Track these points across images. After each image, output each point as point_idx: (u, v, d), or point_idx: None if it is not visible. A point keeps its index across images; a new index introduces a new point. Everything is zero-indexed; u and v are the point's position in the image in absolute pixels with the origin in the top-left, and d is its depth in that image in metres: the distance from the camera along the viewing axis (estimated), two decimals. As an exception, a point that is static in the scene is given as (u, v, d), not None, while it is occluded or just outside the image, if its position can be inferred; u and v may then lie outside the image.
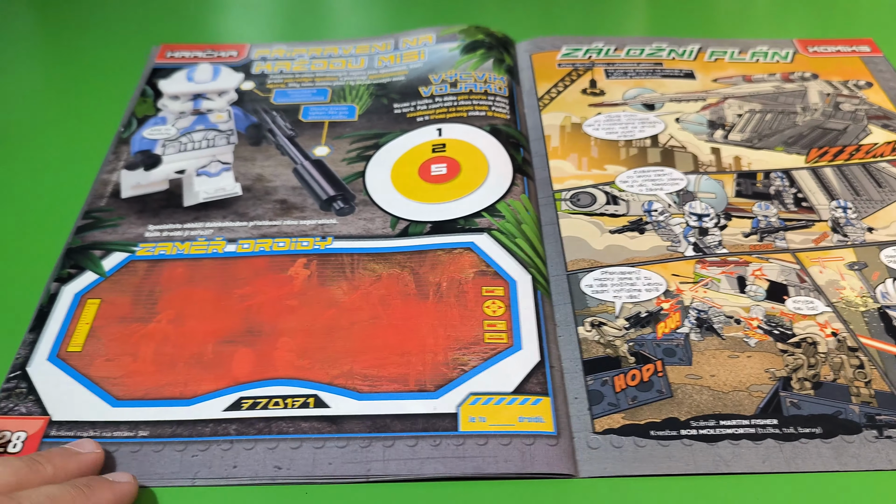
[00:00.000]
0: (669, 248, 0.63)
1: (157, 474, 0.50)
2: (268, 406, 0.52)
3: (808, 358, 0.55)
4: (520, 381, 0.53)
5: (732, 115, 0.76)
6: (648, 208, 0.66)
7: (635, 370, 0.54)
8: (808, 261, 0.62)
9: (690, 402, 0.52)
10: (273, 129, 0.74)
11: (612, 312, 0.58)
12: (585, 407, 0.53)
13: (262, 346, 0.56)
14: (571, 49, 0.85)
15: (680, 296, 0.59)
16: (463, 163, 0.69)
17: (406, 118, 0.76)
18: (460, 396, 0.52)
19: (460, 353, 0.55)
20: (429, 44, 0.84)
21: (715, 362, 0.55)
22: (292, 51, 0.85)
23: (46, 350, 0.56)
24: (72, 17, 0.94)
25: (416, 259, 0.61)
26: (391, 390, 0.53)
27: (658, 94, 0.79)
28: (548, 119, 0.76)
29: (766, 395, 0.53)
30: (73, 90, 0.82)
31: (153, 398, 0.53)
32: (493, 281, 0.59)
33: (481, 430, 0.51)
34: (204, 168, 0.70)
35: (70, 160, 0.74)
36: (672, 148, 0.72)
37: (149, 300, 0.59)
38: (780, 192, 0.68)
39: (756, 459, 0.50)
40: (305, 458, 0.50)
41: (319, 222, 0.65)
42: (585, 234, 0.64)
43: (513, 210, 0.65)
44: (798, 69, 0.82)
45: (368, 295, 0.59)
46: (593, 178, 0.70)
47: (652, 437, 0.51)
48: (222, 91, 0.79)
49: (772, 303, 0.59)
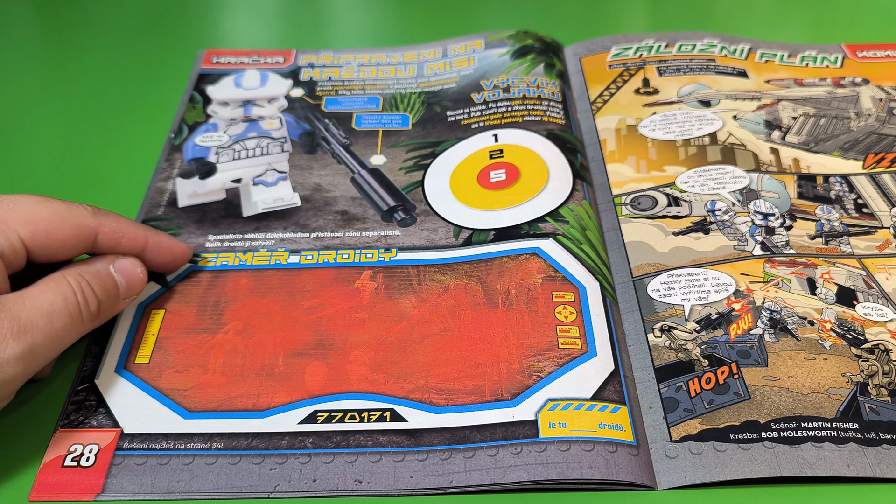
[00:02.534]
0: (736, 248, 0.62)
1: (235, 487, 0.49)
2: (344, 419, 0.52)
3: (882, 365, 0.54)
4: (597, 387, 0.53)
5: (787, 118, 0.75)
6: (712, 208, 0.66)
7: (710, 373, 0.54)
8: (873, 267, 0.61)
9: (770, 404, 0.52)
10: (327, 138, 0.74)
11: (682, 316, 0.58)
12: (661, 416, 0.52)
13: (334, 359, 0.56)
14: (622, 49, 0.84)
15: (751, 296, 0.59)
16: (522, 168, 0.69)
17: (461, 125, 0.75)
18: (538, 403, 0.52)
19: (535, 360, 0.54)
20: (478, 50, 0.84)
21: (791, 363, 0.54)
22: (339, 58, 0.85)
23: (113, 362, 0.56)
24: (116, 21, 0.94)
25: (483, 268, 0.61)
26: (468, 402, 0.53)
27: (714, 90, 0.78)
28: (602, 123, 0.76)
29: (844, 398, 0.52)
30: (120, 95, 0.82)
31: (226, 410, 0.53)
32: (562, 286, 0.59)
33: (563, 436, 0.50)
34: (260, 177, 0.70)
35: (122, 167, 0.73)
36: (732, 145, 0.72)
37: (214, 311, 0.59)
38: (841, 197, 0.67)
39: (840, 463, 0.49)
40: (386, 471, 0.50)
41: (382, 233, 0.65)
42: (649, 238, 0.64)
43: (576, 216, 0.64)
44: (848, 74, 0.81)
45: (437, 307, 0.59)
46: (653, 180, 0.69)
47: (732, 440, 0.50)
48: (272, 98, 0.79)
49: (843, 307, 0.58)
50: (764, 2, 0.97)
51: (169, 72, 0.85)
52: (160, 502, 0.49)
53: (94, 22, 0.94)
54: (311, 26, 0.95)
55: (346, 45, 0.89)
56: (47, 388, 0.55)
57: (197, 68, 0.84)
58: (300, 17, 0.96)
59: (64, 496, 0.49)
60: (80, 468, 0.50)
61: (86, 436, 0.52)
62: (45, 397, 0.55)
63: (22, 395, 0.55)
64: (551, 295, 0.58)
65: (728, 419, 0.51)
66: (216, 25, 0.97)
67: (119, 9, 0.96)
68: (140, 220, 0.66)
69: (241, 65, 0.84)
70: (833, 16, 0.94)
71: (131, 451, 0.51)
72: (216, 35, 0.95)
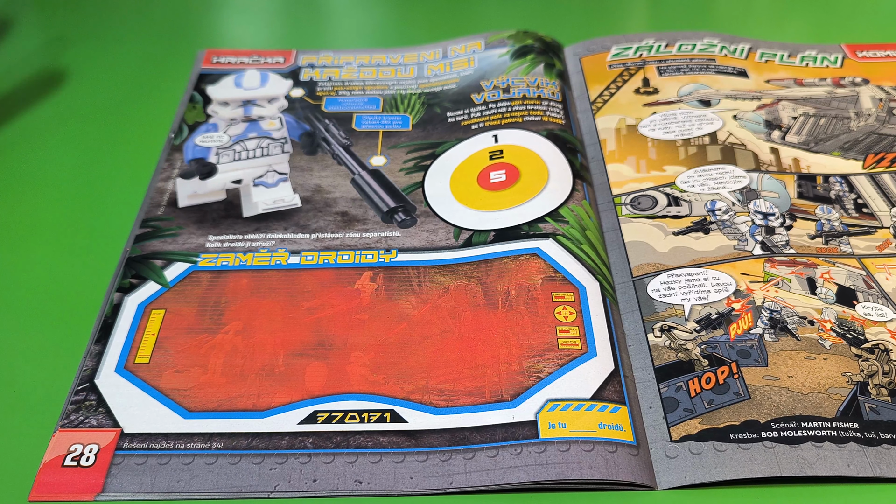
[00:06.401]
0: (736, 248, 0.62)
1: (235, 487, 0.49)
2: (344, 420, 0.52)
3: (882, 365, 0.54)
4: (597, 387, 0.53)
5: (787, 118, 0.75)
6: (712, 207, 0.66)
7: (710, 373, 0.54)
8: (873, 267, 0.61)
9: (770, 404, 0.52)
10: (327, 138, 0.74)
11: (682, 315, 0.58)
12: (661, 416, 0.52)
13: (334, 359, 0.56)
14: (622, 49, 0.84)
15: (751, 295, 0.59)
16: (522, 168, 0.69)
17: (461, 126, 0.75)
18: (538, 404, 0.52)
19: (535, 361, 0.54)
20: (478, 50, 0.84)
21: (791, 363, 0.54)
22: (339, 58, 0.85)
23: (113, 362, 0.56)
24: (117, 21, 0.94)
25: (483, 268, 0.61)
26: (468, 403, 0.53)
27: (714, 90, 0.78)
28: (602, 122, 0.76)
29: (844, 398, 0.52)
30: (119, 95, 0.82)
31: (226, 410, 0.53)
32: (562, 287, 0.59)
33: (562, 437, 0.50)
34: (261, 178, 0.70)
35: (122, 167, 0.74)
36: (732, 145, 0.72)
37: (214, 311, 0.59)
38: (840, 197, 0.67)
39: (841, 462, 0.49)
40: (386, 472, 0.50)
41: (383, 235, 0.65)
42: (649, 238, 0.64)
43: (576, 216, 0.64)
44: (848, 74, 0.81)
45: (438, 308, 0.59)
46: (653, 180, 0.69)
47: (732, 440, 0.50)
48: (272, 98, 0.79)
49: (843, 307, 0.58)
50: (764, 2, 0.97)
51: (169, 72, 0.85)
52: (160, 502, 0.49)
53: (94, 22, 0.94)
54: (311, 26, 0.95)
55: (346, 45, 0.89)
56: (47, 388, 0.55)
57: (197, 68, 0.84)
58: (300, 17, 0.96)
59: (64, 496, 0.49)
60: (80, 468, 0.50)
61: (86, 435, 0.52)
62: (45, 397, 0.55)
63: (22, 395, 0.55)
64: (551, 295, 0.58)
65: (728, 419, 0.51)
66: (216, 25, 0.97)
67: (119, 9, 0.96)
68: (140, 220, 0.66)
69: (241, 65, 0.84)
70: (833, 16, 0.94)
71: (131, 451, 0.51)
72: (216, 35, 0.95)
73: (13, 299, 0.62)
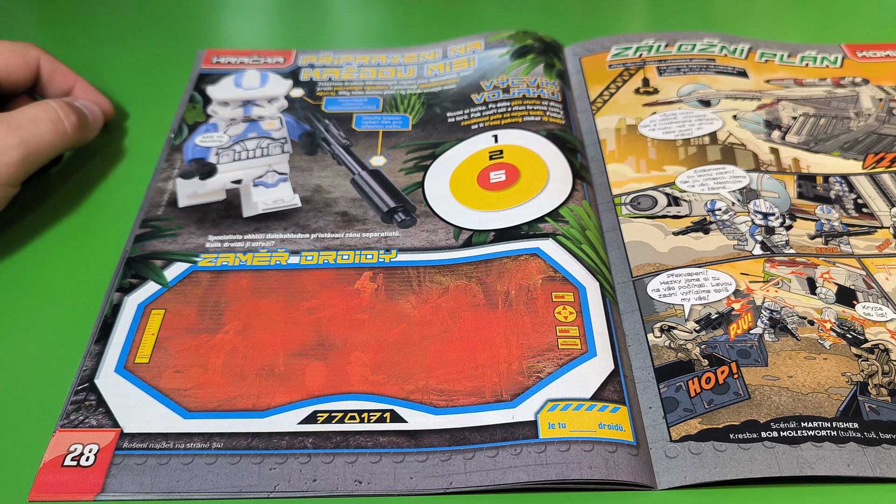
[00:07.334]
0: (736, 247, 0.62)
1: (235, 487, 0.49)
2: (344, 420, 0.52)
3: (882, 365, 0.54)
4: (597, 387, 0.53)
5: (787, 118, 0.75)
6: (712, 207, 0.66)
7: (709, 373, 0.54)
8: (873, 267, 0.61)
9: (769, 404, 0.52)
10: (327, 138, 0.74)
11: (682, 315, 0.58)
12: (660, 416, 0.52)
13: (334, 360, 0.56)
14: (621, 49, 0.84)
15: (751, 295, 0.59)
16: (522, 168, 0.69)
17: (461, 126, 0.75)
18: (538, 404, 0.52)
19: (535, 361, 0.54)
20: (478, 50, 0.84)
21: (791, 363, 0.54)
22: (339, 58, 0.85)
23: (113, 362, 0.56)
24: (116, 21, 0.94)
25: (483, 268, 0.61)
26: (468, 403, 0.53)
27: (713, 90, 0.78)
28: (602, 123, 0.76)
29: (844, 398, 0.52)
30: (120, 95, 0.82)
31: (225, 410, 0.53)
32: (562, 287, 0.59)
33: (562, 437, 0.50)
34: (261, 178, 0.70)
35: (122, 167, 0.74)
36: (732, 145, 0.72)
37: (214, 311, 0.59)
38: (840, 197, 0.67)
39: (841, 462, 0.49)
40: (386, 472, 0.50)
41: (383, 235, 0.65)
42: (648, 238, 0.64)
43: (576, 216, 0.64)
44: (848, 74, 0.81)
45: (438, 308, 0.59)
46: (653, 180, 0.69)
47: (732, 440, 0.50)
48: (272, 98, 0.79)
49: (843, 307, 0.58)
50: (764, 2, 0.97)
51: (169, 72, 0.85)
52: (160, 502, 0.49)
53: (93, 22, 0.94)
54: (311, 26, 0.95)
55: (346, 45, 0.89)
56: (47, 388, 0.55)
57: (197, 68, 0.84)
58: (300, 17, 0.96)
59: (64, 496, 0.49)
60: (79, 468, 0.50)
61: (86, 435, 0.52)
62: (45, 397, 0.55)
63: (22, 395, 0.55)
64: (551, 295, 0.58)
65: (728, 419, 0.51)
66: (216, 25, 0.97)
67: (119, 9, 0.96)
68: (140, 220, 0.67)
69: (241, 65, 0.84)
70: (833, 16, 0.93)
71: (131, 451, 0.51)
72: (216, 35, 0.95)
73: (13, 299, 0.62)
